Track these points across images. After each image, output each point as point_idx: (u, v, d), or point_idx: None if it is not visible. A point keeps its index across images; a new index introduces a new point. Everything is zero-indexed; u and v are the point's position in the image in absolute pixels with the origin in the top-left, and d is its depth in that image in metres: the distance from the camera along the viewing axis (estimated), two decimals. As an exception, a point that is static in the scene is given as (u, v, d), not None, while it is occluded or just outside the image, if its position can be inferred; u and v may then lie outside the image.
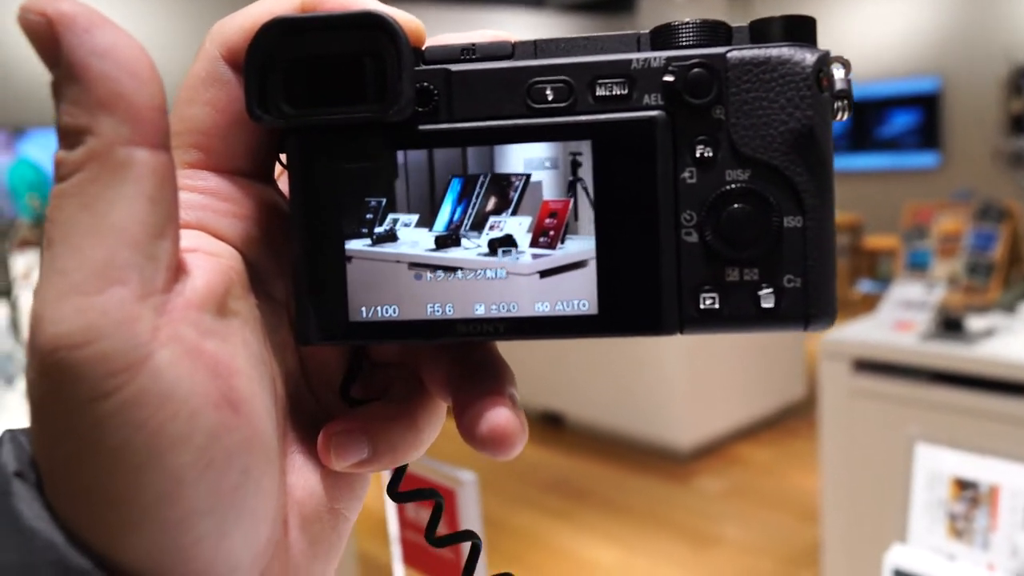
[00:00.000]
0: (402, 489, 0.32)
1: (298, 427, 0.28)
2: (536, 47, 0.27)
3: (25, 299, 2.19)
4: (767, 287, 0.26)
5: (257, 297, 0.27)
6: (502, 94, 0.27)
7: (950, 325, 2.03)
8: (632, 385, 3.52)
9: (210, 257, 0.25)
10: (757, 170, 0.26)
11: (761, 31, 0.26)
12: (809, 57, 0.25)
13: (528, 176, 0.27)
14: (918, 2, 6.50)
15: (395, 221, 0.27)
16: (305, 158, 0.27)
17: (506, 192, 0.27)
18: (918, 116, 6.59)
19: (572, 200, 0.27)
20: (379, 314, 0.27)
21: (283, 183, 0.29)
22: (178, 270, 0.23)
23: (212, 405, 0.22)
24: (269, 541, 0.25)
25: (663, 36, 0.26)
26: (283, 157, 0.28)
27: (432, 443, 0.30)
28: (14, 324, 2.08)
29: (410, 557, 0.93)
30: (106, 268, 0.21)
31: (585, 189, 0.27)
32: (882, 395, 2.03)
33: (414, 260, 0.27)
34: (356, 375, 0.30)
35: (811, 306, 0.26)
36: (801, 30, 0.26)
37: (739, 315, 0.26)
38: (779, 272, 0.26)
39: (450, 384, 0.29)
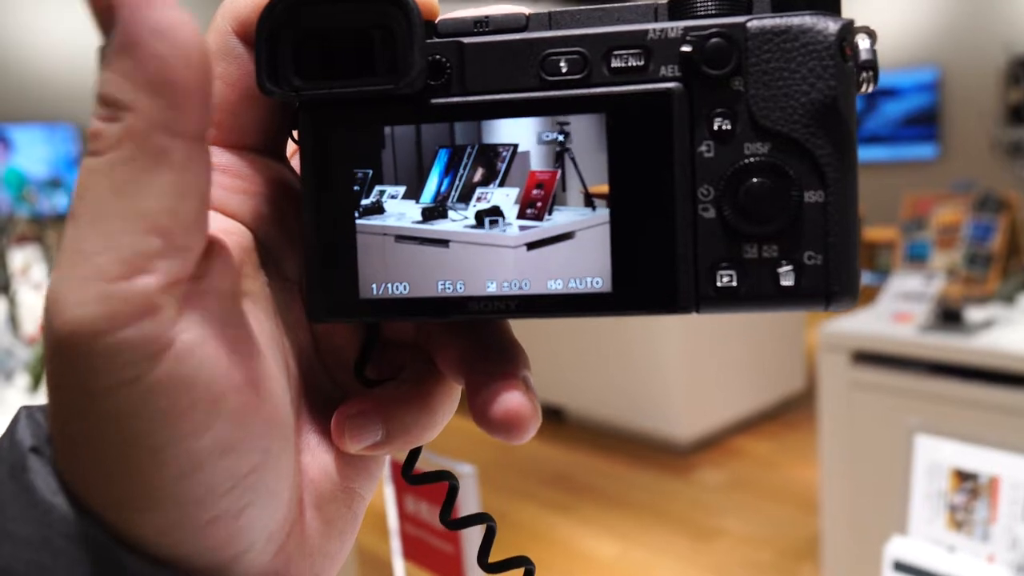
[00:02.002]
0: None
1: (312, 406, 0.28)
2: (551, 18, 0.26)
3: (23, 294, 2.19)
4: (787, 264, 0.25)
5: (268, 275, 0.27)
6: (515, 66, 0.26)
7: (949, 316, 2.03)
8: (632, 378, 3.52)
9: (225, 236, 0.24)
10: (777, 143, 0.25)
11: (783, 0, 0.25)
12: (832, 25, 0.24)
13: (516, 146, 0.26)
14: (917, -7, 6.49)
15: (382, 193, 0.27)
16: (317, 133, 0.27)
17: (493, 163, 0.27)
18: (917, 107, 6.58)
19: (560, 171, 0.26)
20: (389, 291, 0.27)
21: (295, 162, 0.28)
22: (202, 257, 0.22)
23: (234, 389, 0.22)
24: (285, 520, 0.25)
25: (681, 6, 0.26)
26: (295, 133, 0.27)
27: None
28: (12, 319, 2.07)
29: (409, 551, 0.93)
30: (133, 256, 0.20)
31: (573, 160, 0.26)
32: (881, 387, 2.03)
33: (400, 232, 0.27)
34: (370, 354, 0.30)
35: (832, 284, 0.25)
36: None
37: (757, 293, 0.25)
38: (799, 249, 0.25)
39: (463, 365, 0.28)
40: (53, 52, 5.56)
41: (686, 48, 0.25)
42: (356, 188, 0.27)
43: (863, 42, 0.25)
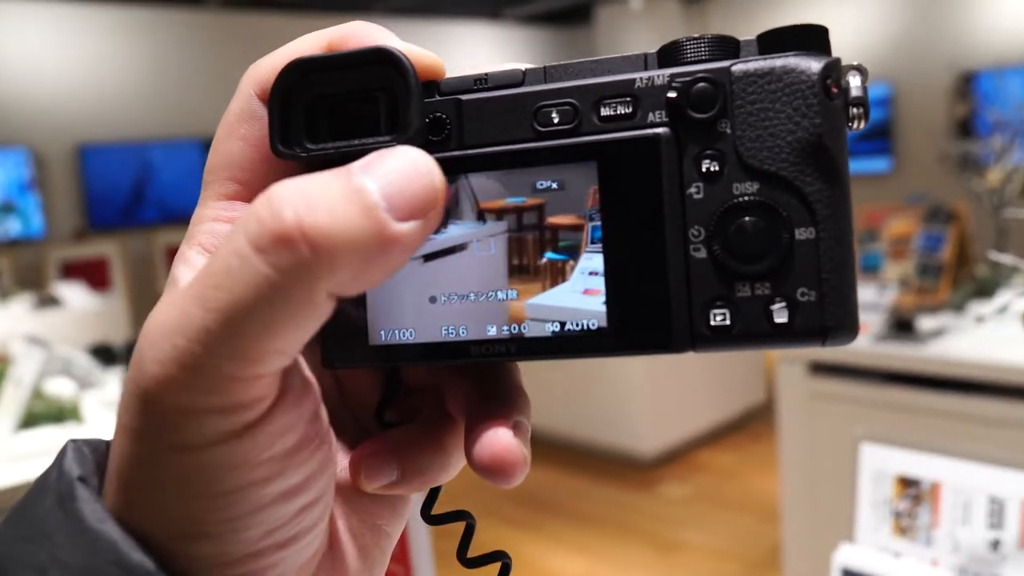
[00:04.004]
0: None
1: (340, 446, 0.30)
2: (546, 73, 0.28)
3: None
4: (780, 301, 0.25)
5: None
6: (510, 119, 0.27)
7: (902, 326, 2.07)
8: (594, 394, 3.52)
9: None
10: (766, 182, 0.25)
11: (770, 42, 0.26)
12: (815, 65, 0.25)
13: None
14: (869, 12, 6.65)
15: None
16: None
17: None
18: (871, 122, 6.70)
19: (454, 186, 0.27)
20: (397, 337, 0.28)
21: None
22: None
23: (307, 439, 0.24)
24: (316, 553, 0.26)
25: (670, 54, 0.26)
26: None
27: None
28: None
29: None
30: (262, 370, 0.21)
31: (466, 177, 0.27)
32: (837, 396, 2.06)
33: None
34: (391, 399, 0.31)
35: (828, 319, 0.25)
36: (811, 39, 0.26)
37: (752, 331, 0.25)
38: (792, 285, 0.25)
39: (465, 407, 0.29)
40: (5, 74, 5.47)
41: (672, 94, 0.26)
42: None
43: (854, 79, 0.25)
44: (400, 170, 0.22)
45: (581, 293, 0.27)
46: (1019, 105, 2.59)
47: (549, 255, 0.27)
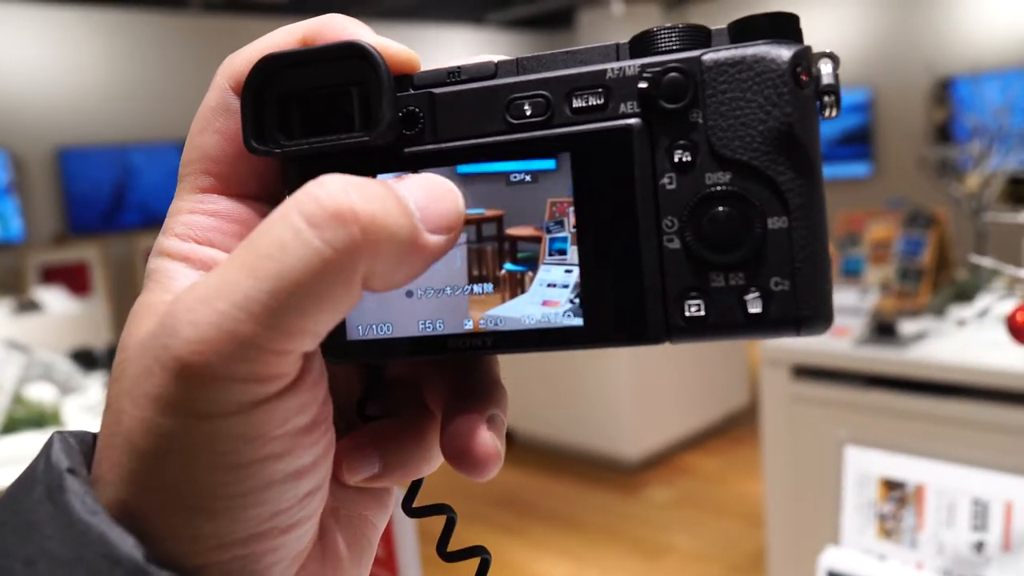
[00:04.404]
0: None
1: None
2: (518, 65, 0.27)
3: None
4: (754, 291, 0.25)
5: None
6: (483, 112, 0.27)
7: (883, 330, 2.09)
8: (579, 398, 3.53)
9: None
10: (738, 172, 0.25)
11: (741, 31, 0.26)
12: (785, 53, 0.25)
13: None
14: (849, 17, 6.71)
15: None
16: (302, 184, 0.28)
17: None
18: (851, 126, 6.78)
19: None
20: (374, 332, 0.28)
21: None
22: None
23: (321, 418, 0.24)
24: (309, 542, 0.26)
25: (641, 44, 0.26)
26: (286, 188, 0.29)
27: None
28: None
29: None
30: (294, 346, 0.22)
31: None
32: (819, 400, 2.07)
33: None
34: (372, 393, 0.31)
35: (802, 308, 0.25)
36: (782, 27, 0.25)
37: (726, 321, 0.25)
38: (765, 275, 0.25)
39: (443, 401, 0.29)
40: (-16, 77, 5.42)
41: (643, 84, 0.25)
42: None
43: (825, 67, 0.25)
44: (428, 187, 0.24)
45: (540, 304, 0.27)
46: (996, 111, 2.62)
47: (508, 267, 0.27)
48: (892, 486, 0.93)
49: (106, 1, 5.74)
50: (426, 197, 0.24)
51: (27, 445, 1.64)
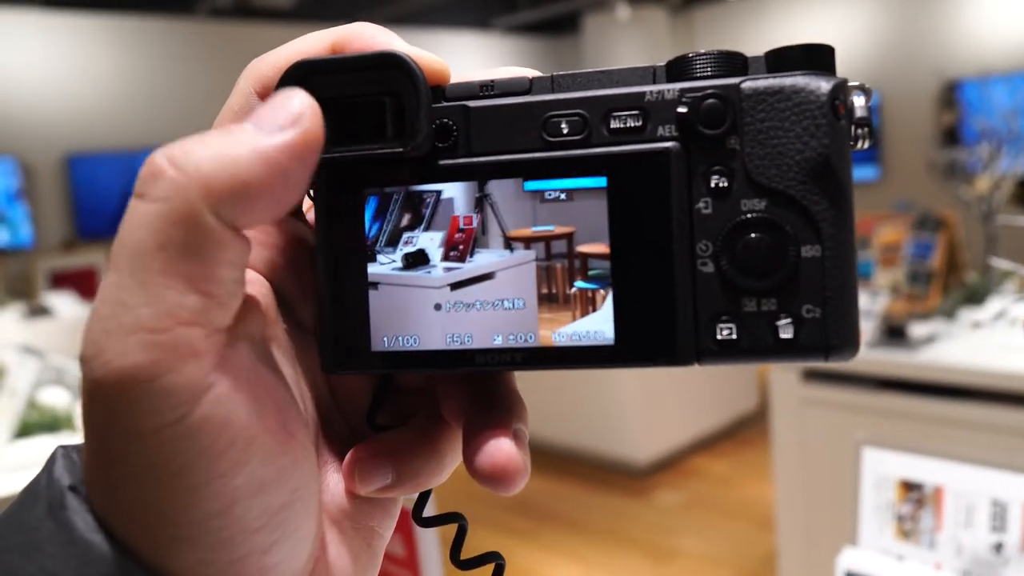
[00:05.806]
0: None
1: (331, 448, 0.29)
2: (553, 81, 0.27)
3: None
4: (785, 317, 0.25)
5: (286, 323, 0.28)
6: (518, 128, 0.27)
7: (894, 333, 2.08)
8: (589, 403, 3.53)
9: (247, 286, 0.25)
10: (773, 199, 0.25)
11: (778, 60, 0.26)
12: (824, 85, 0.25)
13: (439, 193, 0.27)
14: (856, 20, 6.71)
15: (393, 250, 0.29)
16: (332, 193, 0.28)
17: (419, 208, 0.28)
18: (857, 131, 6.76)
19: (480, 215, 0.27)
20: (400, 343, 0.28)
21: (311, 216, 0.30)
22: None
23: (267, 429, 0.23)
24: (309, 557, 0.26)
25: (678, 68, 0.26)
26: (312, 191, 0.28)
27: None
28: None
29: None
30: (178, 309, 0.21)
31: (492, 206, 0.27)
32: (831, 403, 2.07)
33: (375, 280, 0.28)
34: (382, 402, 0.30)
35: (831, 336, 0.25)
36: (818, 58, 0.26)
37: (757, 346, 0.25)
38: (798, 302, 0.25)
39: (463, 414, 0.29)
40: (-6, 84, 5.45)
41: (682, 109, 0.26)
42: (368, 246, 0.28)
43: (858, 100, 0.26)
44: (267, 103, 0.23)
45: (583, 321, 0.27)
46: (1005, 114, 2.62)
47: (579, 284, 0.27)
48: (910, 487, 0.93)
49: (114, 8, 5.76)
50: (264, 109, 0.23)
51: (41, 449, 1.65)
